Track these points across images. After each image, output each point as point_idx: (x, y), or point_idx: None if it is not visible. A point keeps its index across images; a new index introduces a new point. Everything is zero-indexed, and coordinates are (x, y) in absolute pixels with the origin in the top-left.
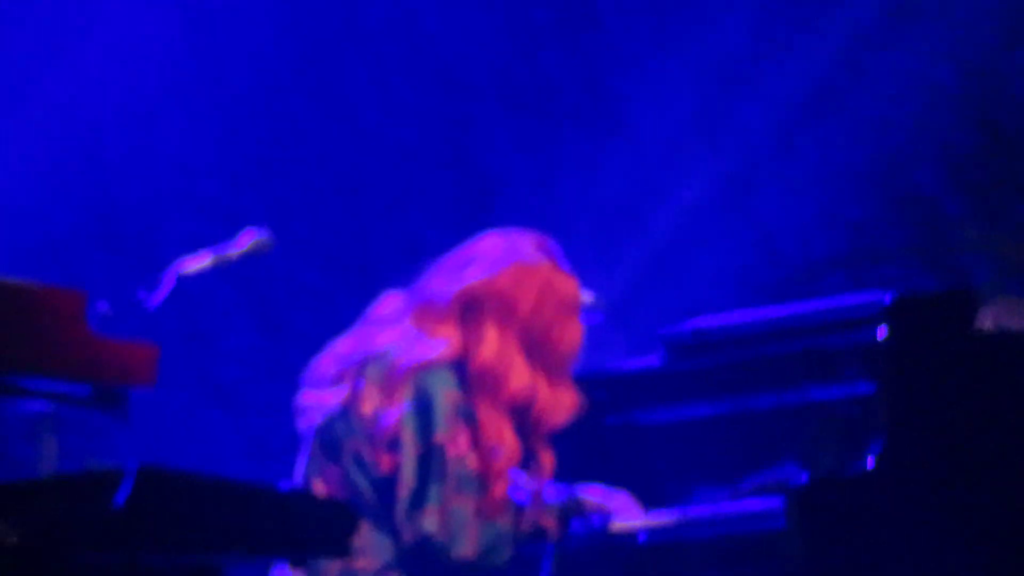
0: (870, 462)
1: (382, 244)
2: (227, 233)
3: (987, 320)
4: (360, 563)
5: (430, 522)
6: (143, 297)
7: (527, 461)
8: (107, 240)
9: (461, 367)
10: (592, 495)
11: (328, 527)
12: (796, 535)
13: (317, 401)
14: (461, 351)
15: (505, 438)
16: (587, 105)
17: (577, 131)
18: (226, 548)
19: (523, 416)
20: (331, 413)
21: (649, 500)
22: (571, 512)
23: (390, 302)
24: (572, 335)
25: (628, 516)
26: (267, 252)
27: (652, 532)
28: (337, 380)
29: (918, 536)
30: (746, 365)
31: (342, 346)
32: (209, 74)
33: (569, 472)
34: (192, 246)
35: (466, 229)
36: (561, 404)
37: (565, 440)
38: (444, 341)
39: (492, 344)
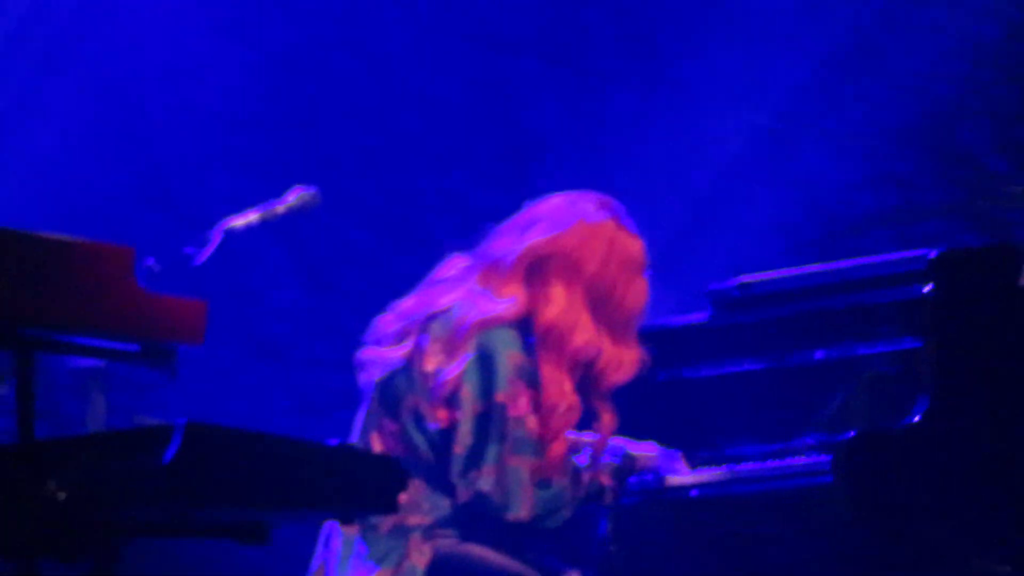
0: (915, 417)
1: (426, 201)
2: (274, 190)
3: None
4: (412, 519)
5: (486, 482)
6: (190, 253)
7: (588, 419)
8: (155, 197)
9: (526, 328)
10: (644, 450)
11: (376, 483)
12: (842, 490)
13: (379, 356)
14: (526, 310)
15: (567, 396)
16: (631, 61)
17: (621, 87)
18: (273, 504)
19: (585, 374)
20: (392, 368)
21: (697, 455)
22: (626, 472)
23: (454, 263)
24: (637, 293)
25: (679, 472)
26: (313, 208)
27: (703, 487)
28: (400, 337)
29: (963, 490)
30: (792, 320)
31: (406, 304)
32: (255, 30)
33: (621, 425)
34: (239, 203)
35: (510, 186)
36: (624, 362)
37: (617, 394)
38: (509, 300)
39: (558, 302)
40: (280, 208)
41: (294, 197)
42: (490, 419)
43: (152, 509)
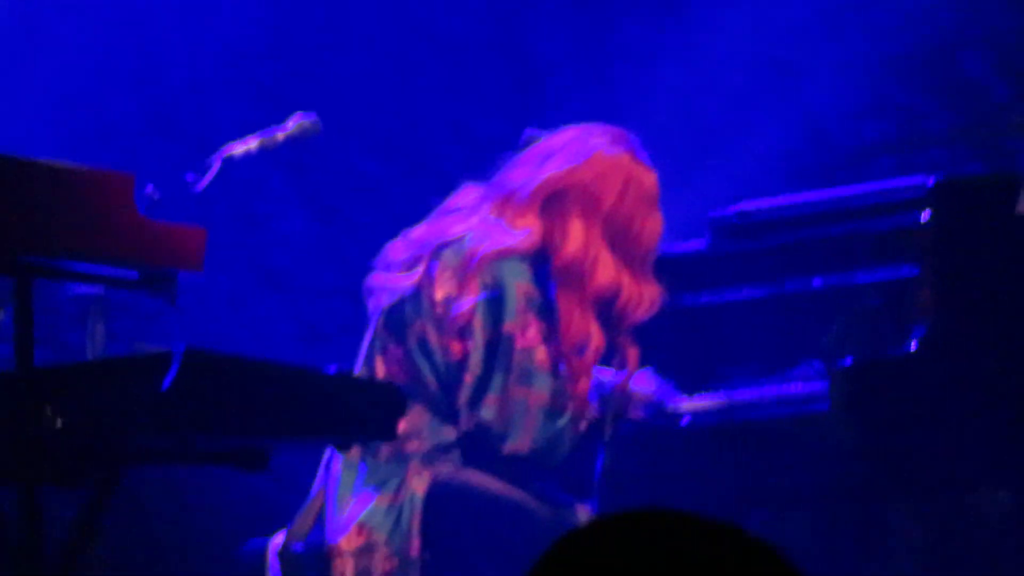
0: (913, 344)
1: (433, 131)
2: (276, 118)
3: None
4: (411, 445)
5: (488, 410)
6: (190, 180)
7: (611, 355)
8: (154, 123)
9: (539, 260)
10: (640, 381)
11: (374, 410)
12: (840, 417)
13: (387, 282)
14: (541, 243)
15: (591, 332)
16: None
17: (628, 17)
18: (271, 431)
19: (607, 310)
20: (402, 294)
21: (696, 382)
22: (623, 404)
23: (468, 193)
24: (653, 227)
25: (676, 400)
26: (314, 136)
27: (697, 415)
28: (411, 264)
29: (961, 417)
30: (792, 248)
31: (417, 232)
32: None
33: (619, 353)
34: (241, 131)
35: (518, 116)
36: (645, 297)
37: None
38: (524, 231)
39: (578, 237)
40: (280, 135)
41: (294, 124)
42: (497, 348)
43: (151, 436)
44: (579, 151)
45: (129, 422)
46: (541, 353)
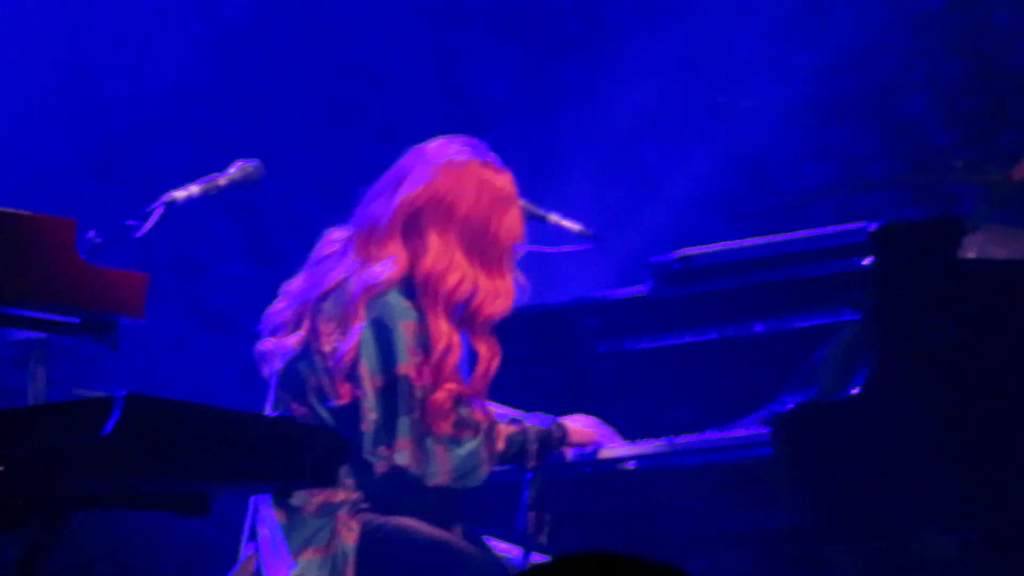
0: (855, 389)
1: (375, 174)
2: (219, 163)
3: (972, 249)
4: (339, 496)
5: (402, 455)
6: (132, 225)
7: (471, 356)
8: (97, 169)
9: (411, 285)
10: (577, 424)
11: (316, 455)
12: (783, 462)
13: (277, 347)
14: (408, 266)
15: (445, 336)
16: (581, 33)
17: (571, 60)
18: (213, 475)
19: (465, 311)
20: (292, 356)
21: (638, 428)
22: (556, 440)
23: (333, 238)
24: (511, 225)
25: (614, 445)
26: (257, 180)
27: (640, 459)
28: (295, 324)
29: (904, 462)
30: (734, 293)
31: (293, 288)
32: (205, 2)
33: (559, 398)
34: (184, 175)
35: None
36: (501, 293)
37: (556, 366)
38: (390, 260)
39: (435, 250)
40: (222, 180)
41: (236, 169)
42: (395, 392)
43: (92, 481)
44: (429, 167)
45: (70, 467)
46: (448, 405)
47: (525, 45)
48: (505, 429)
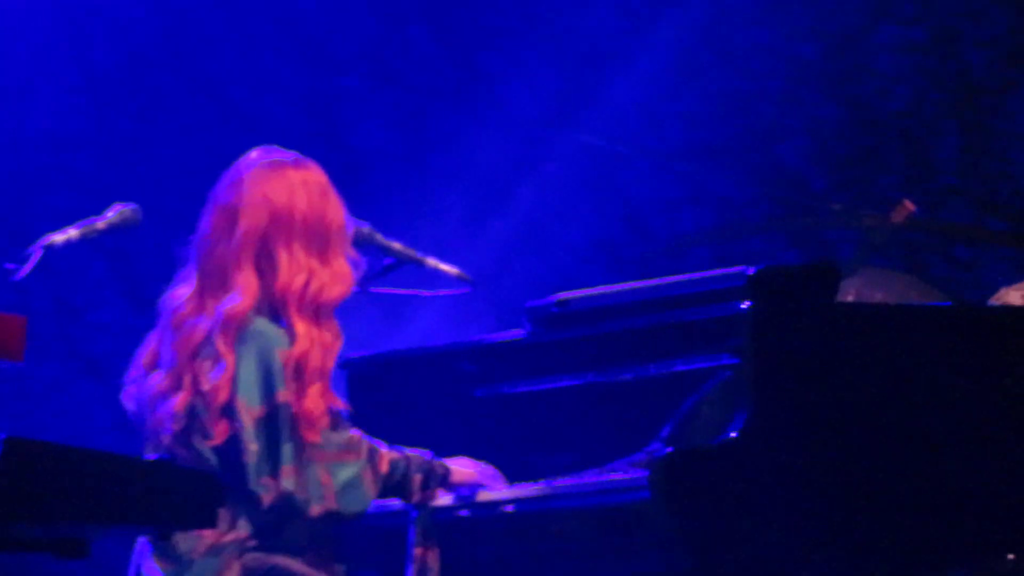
0: (732, 433)
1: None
2: (97, 207)
3: (849, 293)
4: (228, 536)
5: (288, 482)
6: (11, 269)
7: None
8: None
9: (271, 306)
10: (458, 465)
11: (195, 497)
12: (661, 506)
13: (156, 406)
14: (259, 290)
15: (313, 339)
16: (457, 80)
17: (445, 106)
18: (93, 519)
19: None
20: (175, 409)
21: (516, 471)
22: (436, 473)
23: (178, 296)
24: (335, 211)
25: (494, 487)
26: (134, 225)
27: (518, 502)
28: (176, 385)
29: (782, 506)
30: (611, 337)
31: (154, 341)
32: (78, 48)
33: (437, 443)
34: (61, 220)
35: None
36: (338, 276)
37: (433, 411)
38: (237, 291)
39: (283, 265)
40: (101, 224)
41: (114, 213)
42: (276, 420)
43: None
44: (255, 190)
45: None
46: (319, 414)
47: (399, 91)
48: (388, 454)
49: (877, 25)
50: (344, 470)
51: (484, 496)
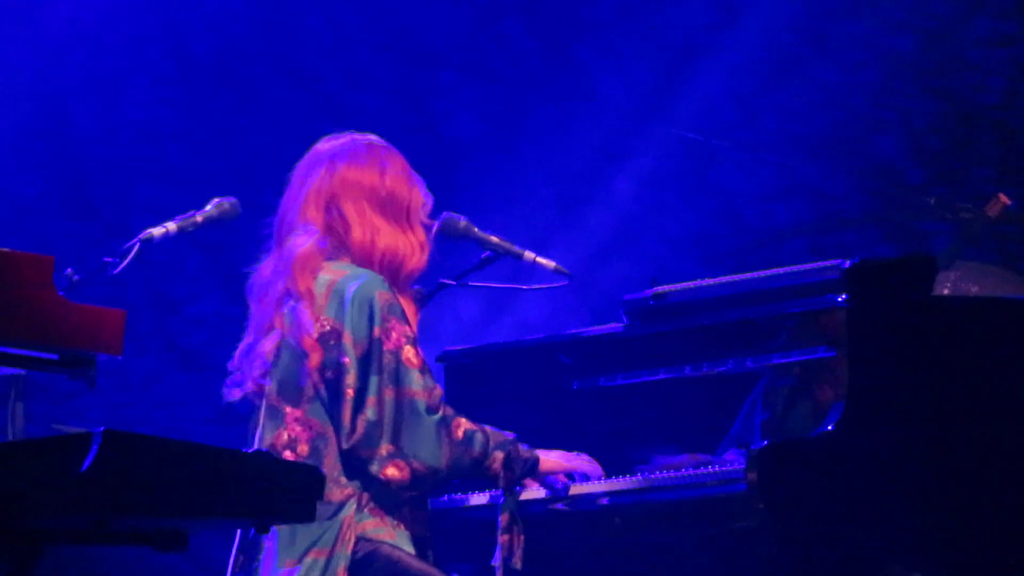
0: (829, 426)
1: None
2: (194, 201)
3: (945, 286)
4: (335, 494)
5: (371, 411)
6: (110, 263)
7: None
8: (74, 207)
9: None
10: (554, 457)
11: (293, 490)
12: (756, 498)
13: (253, 363)
14: (327, 234)
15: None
16: (551, 73)
17: (541, 99)
18: (190, 511)
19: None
20: (269, 364)
21: (613, 463)
22: (521, 455)
23: (264, 265)
24: (414, 189)
25: (590, 478)
26: (232, 218)
27: (614, 495)
28: (258, 326)
29: (876, 498)
30: (708, 330)
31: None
32: (174, 40)
33: (534, 435)
34: (159, 213)
35: (432, 196)
36: (416, 249)
37: (530, 404)
38: (304, 228)
39: (355, 221)
40: (199, 218)
41: (212, 206)
42: (370, 355)
43: (70, 517)
44: (322, 155)
45: (48, 503)
46: (408, 352)
47: (495, 84)
48: (465, 422)
49: (972, 18)
50: (431, 418)
51: (579, 489)
